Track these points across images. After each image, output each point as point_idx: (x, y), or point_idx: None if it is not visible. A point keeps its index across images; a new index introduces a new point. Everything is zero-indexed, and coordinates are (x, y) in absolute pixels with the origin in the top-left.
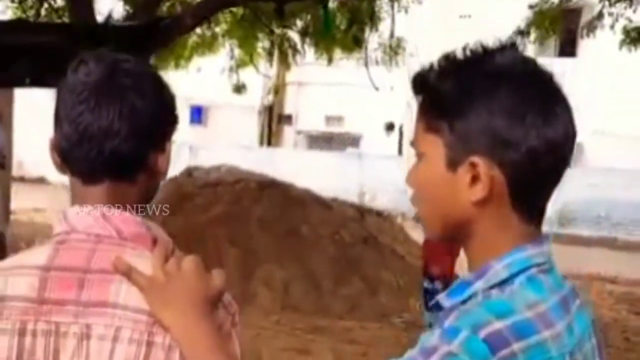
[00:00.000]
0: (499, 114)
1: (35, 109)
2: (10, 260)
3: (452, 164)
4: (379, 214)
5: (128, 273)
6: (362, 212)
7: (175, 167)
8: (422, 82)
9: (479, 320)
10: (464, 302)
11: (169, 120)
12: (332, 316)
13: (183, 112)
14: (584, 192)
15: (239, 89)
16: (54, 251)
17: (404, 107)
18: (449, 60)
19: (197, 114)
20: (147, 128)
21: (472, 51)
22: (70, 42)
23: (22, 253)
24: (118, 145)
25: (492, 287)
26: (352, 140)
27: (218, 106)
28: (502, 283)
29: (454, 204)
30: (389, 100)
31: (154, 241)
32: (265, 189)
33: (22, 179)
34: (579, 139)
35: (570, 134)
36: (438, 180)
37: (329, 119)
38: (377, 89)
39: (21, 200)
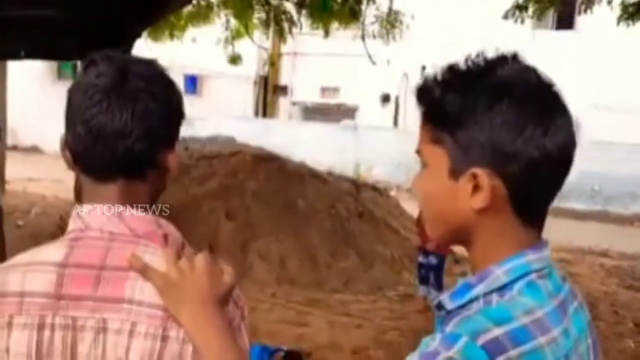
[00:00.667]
0: (500, 127)
1: (28, 77)
2: (26, 256)
3: (454, 174)
4: (374, 188)
5: (143, 270)
6: (357, 186)
7: None
8: (425, 94)
9: (478, 327)
10: (464, 305)
11: (178, 120)
12: (328, 289)
13: (177, 82)
14: (578, 165)
15: (235, 59)
16: (69, 248)
17: (400, 78)
18: (452, 72)
19: (192, 84)
20: (159, 129)
21: (474, 63)
22: (66, 14)
23: (36, 249)
24: (131, 146)
25: (492, 291)
26: (348, 112)
27: (213, 76)
28: (502, 288)
29: (457, 212)
30: (385, 71)
31: (166, 238)
32: (261, 163)
33: (15, 148)
34: (574, 111)
35: (569, 143)
36: (441, 189)
37: (324, 90)
38: (374, 63)
39: (15, 170)
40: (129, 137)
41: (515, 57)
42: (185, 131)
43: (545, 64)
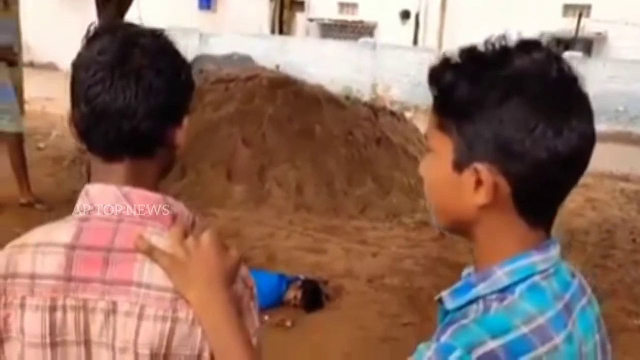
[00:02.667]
0: (508, 124)
1: None
2: (36, 235)
3: (458, 166)
4: (392, 113)
5: (150, 252)
6: (375, 111)
7: (187, 54)
8: (438, 78)
9: (473, 339)
10: (464, 305)
11: (187, 94)
12: (344, 216)
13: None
14: (603, 84)
15: None
16: (78, 229)
17: None
18: (467, 56)
19: (207, 0)
20: (165, 105)
21: (493, 49)
22: None
23: (46, 228)
24: (137, 125)
25: (493, 292)
26: (366, 29)
27: None
28: (504, 289)
29: (459, 205)
30: None
31: (174, 218)
32: (277, 87)
33: (31, 64)
34: (602, 28)
35: (585, 145)
36: (445, 179)
37: (342, 6)
38: None
39: (32, 88)
40: (134, 116)
41: (538, 44)
42: (200, 48)
43: None
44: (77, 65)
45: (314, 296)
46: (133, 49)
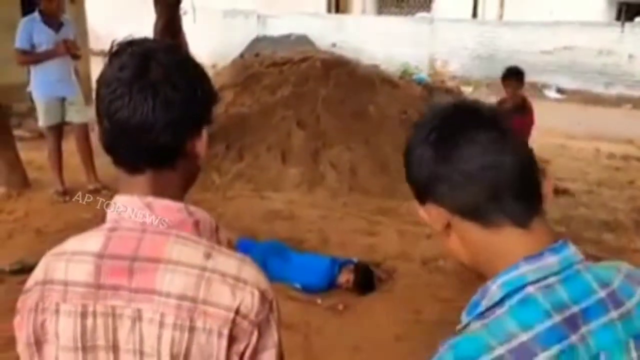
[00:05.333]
0: (417, 170)
1: None
2: (72, 244)
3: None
4: (448, 90)
5: None
6: (430, 89)
7: (245, 36)
8: None
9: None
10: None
11: (205, 107)
12: (399, 198)
13: None
14: None
15: None
16: (107, 239)
17: None
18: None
19: None
20: (183, 118)
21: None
22: None
23: (81, 236)
24: (155, 138)
25: (491, 307)
26: (424, 3)
27: None
28: (500, 303)
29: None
30: None
31: (197, 225)
32: (331, 69)
33: (103, 54)
34: None
35: (494, 159)
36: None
37: None
38: None
39: None
40: (151, 130)
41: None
42: (258, 29)
43: None
44: (100, 82)
45: (367, 279)
46: (150, 64)
